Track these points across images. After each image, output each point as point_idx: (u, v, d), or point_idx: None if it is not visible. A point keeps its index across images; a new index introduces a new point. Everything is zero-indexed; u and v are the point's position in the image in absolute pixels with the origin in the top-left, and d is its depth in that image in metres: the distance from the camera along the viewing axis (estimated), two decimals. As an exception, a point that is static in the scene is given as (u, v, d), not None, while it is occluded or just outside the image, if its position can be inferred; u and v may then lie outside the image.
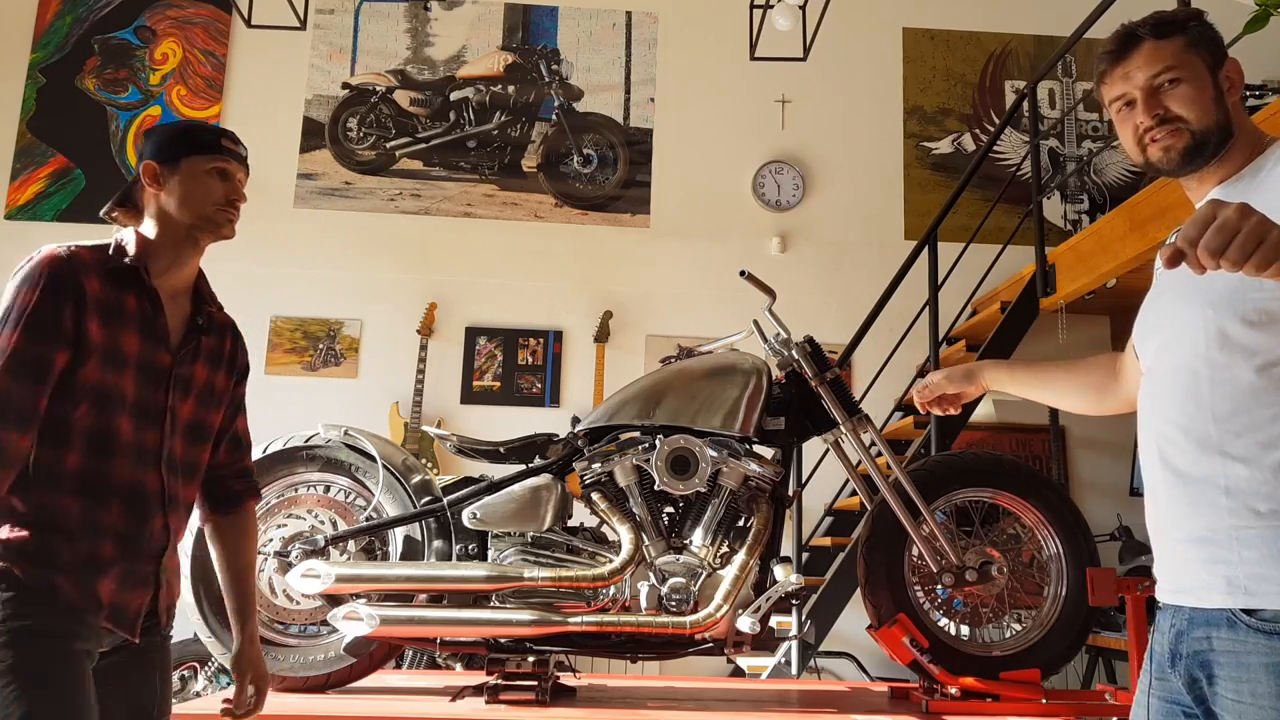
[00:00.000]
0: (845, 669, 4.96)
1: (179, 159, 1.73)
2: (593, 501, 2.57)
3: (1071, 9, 6.27)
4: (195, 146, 1.73)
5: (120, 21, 6.26)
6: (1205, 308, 1.32)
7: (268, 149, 6.11)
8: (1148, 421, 1.42)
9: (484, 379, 5.89)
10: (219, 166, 1.75)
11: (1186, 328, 1.35)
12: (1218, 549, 1.26)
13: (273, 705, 2.42)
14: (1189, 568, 1.31)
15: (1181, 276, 1.39)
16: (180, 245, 1.74)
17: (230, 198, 1.76)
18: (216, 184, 1.74)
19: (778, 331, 2.66)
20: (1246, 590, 1.21)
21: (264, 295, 5.90)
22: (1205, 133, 1.41)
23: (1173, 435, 1.35)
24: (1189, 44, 1.45)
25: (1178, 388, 1.35)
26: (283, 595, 2.59)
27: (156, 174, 1.72)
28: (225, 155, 1.76)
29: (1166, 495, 1.36)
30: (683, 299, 6.03)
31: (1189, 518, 1.31)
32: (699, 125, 6.32)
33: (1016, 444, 5.83)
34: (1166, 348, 1.40)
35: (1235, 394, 1.27)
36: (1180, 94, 1.43)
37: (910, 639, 2.55)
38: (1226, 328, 1.29)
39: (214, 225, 1.75)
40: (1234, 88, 1.44)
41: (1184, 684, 1.30)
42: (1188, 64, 1.44)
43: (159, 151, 1.73)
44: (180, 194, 1.72)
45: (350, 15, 6.37)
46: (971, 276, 5.50)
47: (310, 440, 2.68)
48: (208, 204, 1.73)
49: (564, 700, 2.52)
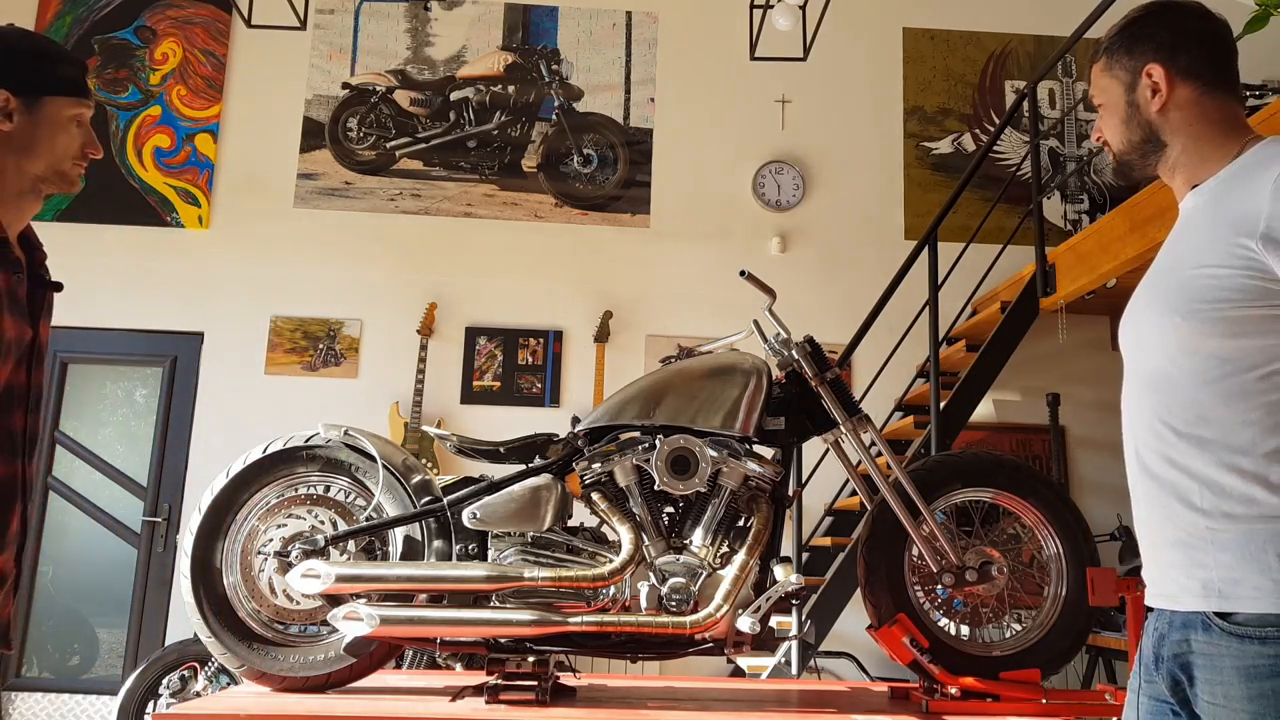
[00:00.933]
0: (845, 669, 4.96)
1: (41, 95, 1.45)
2: (593, 501, 2.57)
3: (1071, 9, 6.28)
4: (62, 84, 1.47)
5: (120, 21, 6.26)
6: (1173, 314, 1.32)
7: (268, 149, 6.12)
8: (1127, 424, 1.43)
9: (484, 379, 5.90)
10: (80, 112, 1.51)
11: (1158, 331, 1.35)
12: (1194, 552, 1.27)
13: (273, 705, 2.42)
14: (1168, 571, 1.32)
15: (1155, 279, 1.40)
16: (23, 198, 1.48)
17: (86, 150, 1.52)
18: (75, 133, 1.50)
19: (778, 331, 2.66)
20: (1221, 594, 1.22)
21: (264, 295, 5.91)
22: (1123, 154, 1.47)
23: (1148, 439, 1.36)
24: (1106, 67, 1.48)
25: (1151, 391, 1.36)
26: (283, 595, 2.59)
27: (9, 106, 1.43)
28: (89, 99, 1.52)
29: (1145, 498, 1.38)
30: (683, 299, 6.03)
31: (1166, 520, 1.32)
32: (699, 125, 6.32)
33: (1016, 444, 5.83)
34: (1141, 350, 1.40)
35: (1205, 399, 1.28)
36: (1103, 121, 1.50)
37: (910, 639, 2.55)
38: (1195, 333, 1.29)
39: (67, 181, 1.52)
40: (1159, 93, 1.42)
41: (1167, 686, 1.31)
42: (1106, 89, 1.48)
43: (17, 79, 1.44)
44: (36, 138, 1.45)
45: (350, 15, 6.37)
46: (971, 276, 5.50)
47: (310, 440, 2.68)
48: (65, 157, 1.49)
49: (564, 700, 2.52)
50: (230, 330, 5.84)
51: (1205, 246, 1.29)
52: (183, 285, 5.93)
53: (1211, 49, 1.41)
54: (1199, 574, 1.26)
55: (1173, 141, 1.42)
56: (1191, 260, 1.31)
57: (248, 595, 2.61)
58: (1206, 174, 1.39)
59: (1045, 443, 5.81)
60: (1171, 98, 1.41)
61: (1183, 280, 1.31)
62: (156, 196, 6.02)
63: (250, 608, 2.61)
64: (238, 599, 2.61)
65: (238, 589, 2.61)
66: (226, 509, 2.62)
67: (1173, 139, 1.42)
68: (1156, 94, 1.42)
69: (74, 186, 1.53)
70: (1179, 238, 1.38)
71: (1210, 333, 1.27)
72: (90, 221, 5.94)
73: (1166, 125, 1.42)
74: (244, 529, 2.63)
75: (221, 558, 2.60)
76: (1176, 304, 1.31)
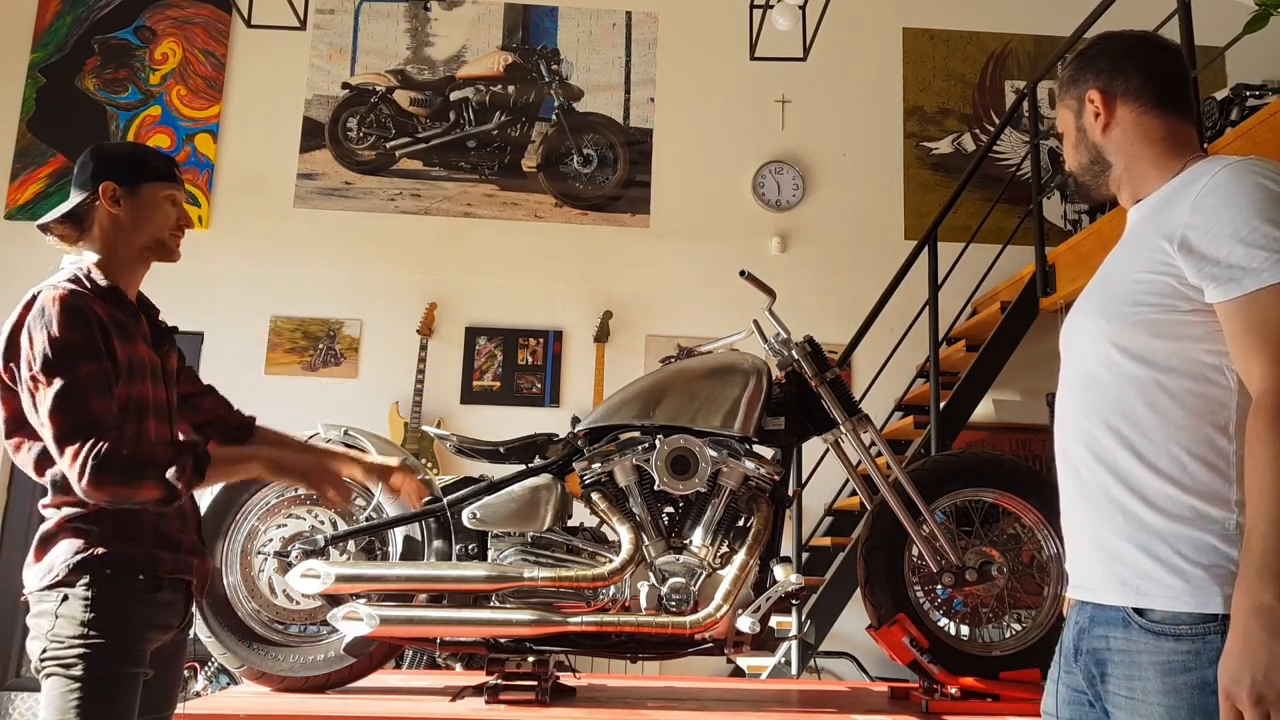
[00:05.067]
0: (845, 669, 4.96)
1: (139, 183, 1.82)
2: (593, 501, 2.57)
3: (1071, 9, 6.26)
4: (153, 173, 1.84)
5: (120, 21, 6.25)
6: (1100, 317, 1.38)
7: (268, 149, 6.12)
8: (1057, 422, 1.50)
9: (484, 379, 5.90)
10: (173, 194, 1.86)
11: (1088, 334, 1.42)
12: (1112, 548, 1.32)
13: (273, 705, 2.43)
14: (1089, 565, 1.37)
15: (1094, 287, 1.47)
16: (134, 264, 1.85)
17: (180, 223, 1.88)
18: (170, 210, 1.86)
19: (778, 331, 2.66)
20: (1138, 590, 1.27)
21: (264, 295, 5.90)
22: (1079, 175, 1.56)
23: (1074, 436, 1.42)
24: (1060, 99, 1.60)
25: (1080, 390, 1.43)
26: (283, 595, 2.59)
27: (116, 194, 1.81)
28: (178, 184, 1.89)
29: (1070, 496, 1.43)
30: (683, 299, 6.03)
31: (1090, 518, 1.37)
32: (699, 125, 6.32)
33: (1016, 444, 5.83)
34: (1073, 351, 1.47)
35: (1128, 399, 1.33)
36: (1064, 148, 1.61)
37: (910, 639, 2.55)
38: (1120, 335, 1.35)
39: (166, 250, 1.88)
40: (1100, 115, 1.50)
41: (1084, 678, 1.36)
42: (1062, 119, 1.59)
43: (117, 173, 1.81)
44: (138, 217, 1.82)
45: (350, 15, 6.37)
46: (971, 276, 5.50)
47: (310, 440, 2.67)
48: (164, 229, 1.85)
49: (564, 700, 2.52)
50: (230, 330, 5.83)
51: (1136, 255, 1.37)
52: (182, 285, 5.91)
53: (1150, 72, 1.49)
54: (1116, 569, 1.31)
55: (1116, 160, 1.50)
56: (1124, 267, 1.39)
57: (247, 595, 2.61)
58: (1148, 190, 1.46)
59: (1045, 443, 5.81)
60: (1112, 119, 1.50)
61: (1113, 287, 1.39)
62: (156, 196, 6.02)
63: (250, 608, 2.61)
64: (237, 599, 2.61)
65: (237, 589, 2.61)
66: (226, 509, 2.62)
67: (1115, 158, 1.50)
68: (1098, 117, 1.51)
69: (174, 256, 1.89)
70: (1119, 250, 1.47)
71: (1133, 334, 1.33)
72: (90, 221, 5.94)
73: (1109, 145, 1.51)
74: (243, 529, 2.64)
75: (221, 558, 2.61)
76: (1105, 308, 1.38)
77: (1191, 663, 1.20)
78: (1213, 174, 1.32)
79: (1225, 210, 1.27)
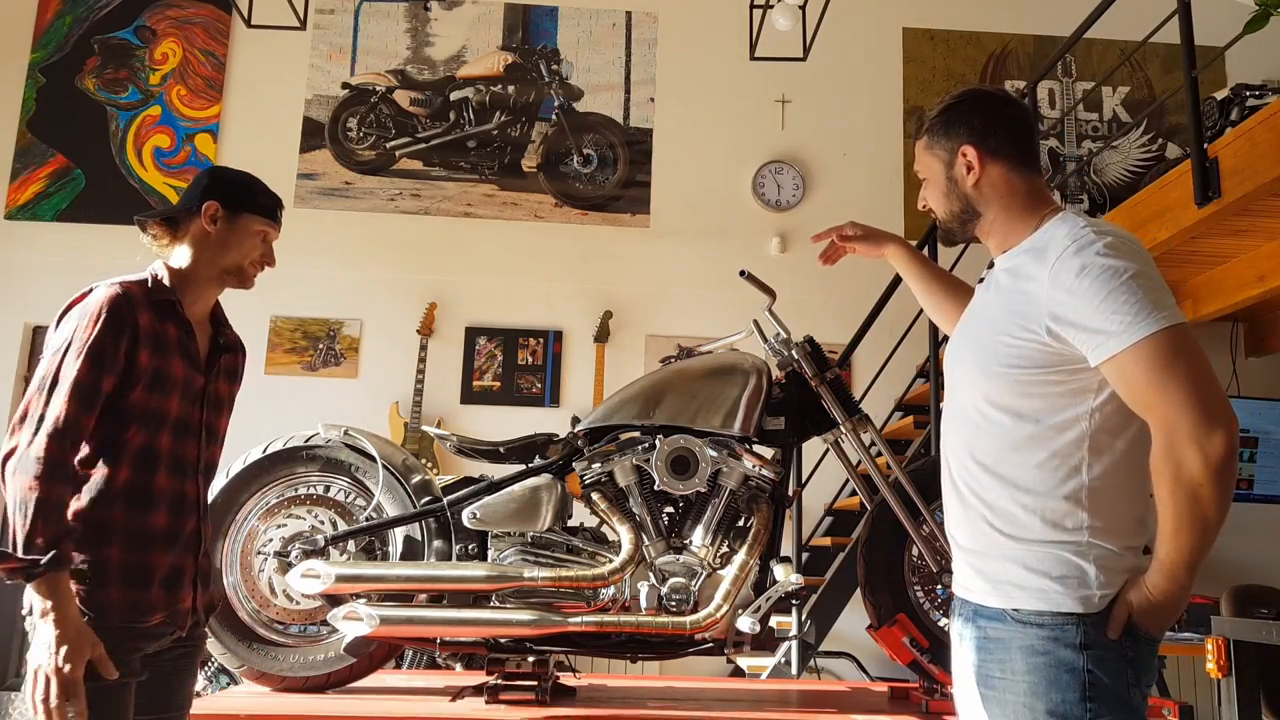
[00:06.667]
0: (845, 669, 4.96)
1: (240, 211, 1.89)
2: (593, 501, 2.57)
3: (1071, 9, 6.26)
4: (257, 207, 1.92)
5: (120, 21, 6.26)
6: (979, 372, 1.57)
7: (268, 149, 6.11)
8: (944, 446, 1.68)
9: (484, 379, 5.90)
10: (266, 230, 1.94)
11: (968, 382, 1.60)
12: (990, 561, 1.55)
13: (273, 705, 2.43)
14: (967, 572, 1.60)
15: (971, 328, 1.64)
16: (210, 283, 1.90)
17: (264, 259, 1.95)
18: (259, 245, 1.93)
19: (778, 331, 2.65)
20: (1009, 596, 1.51)
21: (264, 295, 5.85)
22: (947, 222, 1.70)
23: (959, 467, 1.62)
24: (927, 146, 1.70)
25: (963, 428, 1.61)
26: (283, 595, 2.59)
27: (216, 215, 1.87)
28: (276, 224, 1.96)
29: (953, 512, 1.64)
30: (683, 299, 6.02)
31: (970, 534, 1.59)
32: (699, 125, 6.32)
33: (1016, 444, 5.82)
34: (957, 389, 1.65)
35: (1002, 445, 1.54)
36: (926, 191, 1.73)
37: (910, 639, 2.55)
38: (996, 391, 1.54)
39: (243, 277, 1.92)
40: (973, 169, 1.63)
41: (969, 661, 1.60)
42: (928, 165, 1.70)
43: (225, 196, 1.88)
44: (228, 241, 1.88)
45: (350, 15, 6.37)
46: (972, 276, 5.49)
47: (310, 440, 2.68)
48: (247, 259, 1.91)
49: (564, 700, 2.52)
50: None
51: (1003, 318, 1.54)
52: (183, 285, 5.92)
53: (1016, 131, 1.64)
54: (992, 577, 1.54)
55: (986, 211, 1.65)
56: (995, 327, 1.56)
57: (248, 595, 2.61)
58: (1014, 240, 1.62)
59: (1045, 443, 5.80)
60: (984, 174, 1.63)
61: (987, 344, 1.56)
62: (156, 196, 6.02)
63: (250, 608, 2.61)
64: (238, 599, 2.61)
65: (238, 589, 2.61)
66: (226, 509, 2.62)
67: (986, 209, 1.65)
68: (971, 171, 1.64)
69: (248, 285, 1.93)
70: (990, 298, 1.63)
71: (1003, 390, 1.53)
72: (90, 221, 5.94)
73: (980, 198, 1.65)
74: (244, 529, 2.63)
75: (221, 558, 2.60)
76: (983, 363, 1.56)
77: (1049, 647, 1.46)
78: (1063, 249, 1.47)
79: (1089, 293, 1.43)
